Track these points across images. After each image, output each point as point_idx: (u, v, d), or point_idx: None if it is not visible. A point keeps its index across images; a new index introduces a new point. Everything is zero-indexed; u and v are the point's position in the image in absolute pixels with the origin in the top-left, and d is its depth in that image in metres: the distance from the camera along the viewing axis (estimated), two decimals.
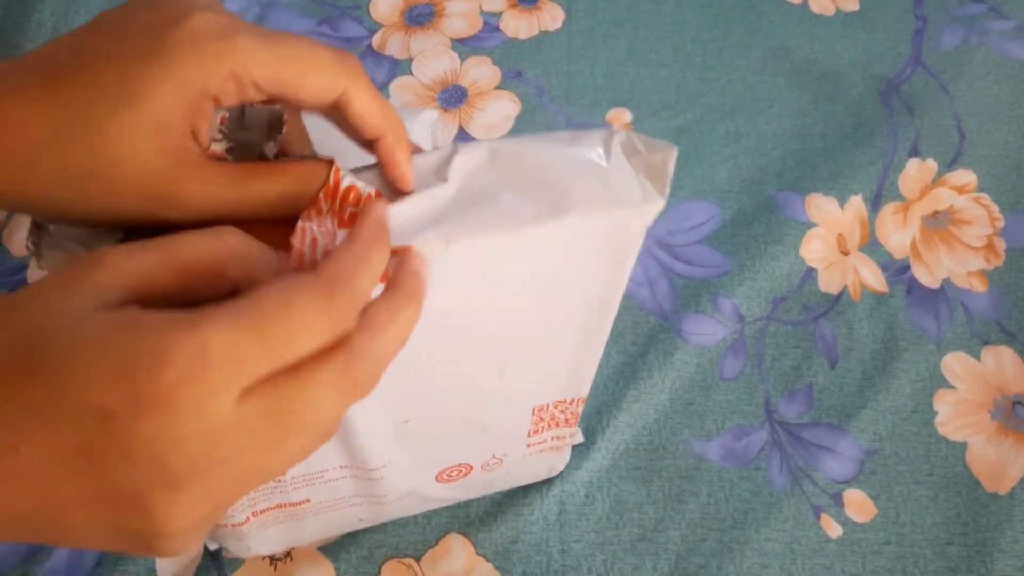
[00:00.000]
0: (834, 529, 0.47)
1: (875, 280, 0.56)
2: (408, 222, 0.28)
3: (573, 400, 0.41)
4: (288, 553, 0.45)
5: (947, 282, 0.56)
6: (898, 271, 0.57)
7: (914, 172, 0.61)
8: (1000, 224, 0.59)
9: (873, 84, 0.66)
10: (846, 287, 0.56)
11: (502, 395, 0.37)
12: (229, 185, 0.26)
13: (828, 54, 0.67)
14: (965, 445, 0.50)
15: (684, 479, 0.49)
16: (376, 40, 0.67)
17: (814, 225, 0.58)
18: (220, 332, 0.21)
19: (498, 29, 0.68)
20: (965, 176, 0.61)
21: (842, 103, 0.65)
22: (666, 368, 0.52)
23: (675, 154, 0.30)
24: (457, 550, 0.46)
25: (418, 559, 0.46)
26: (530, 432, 0.41)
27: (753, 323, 0.54)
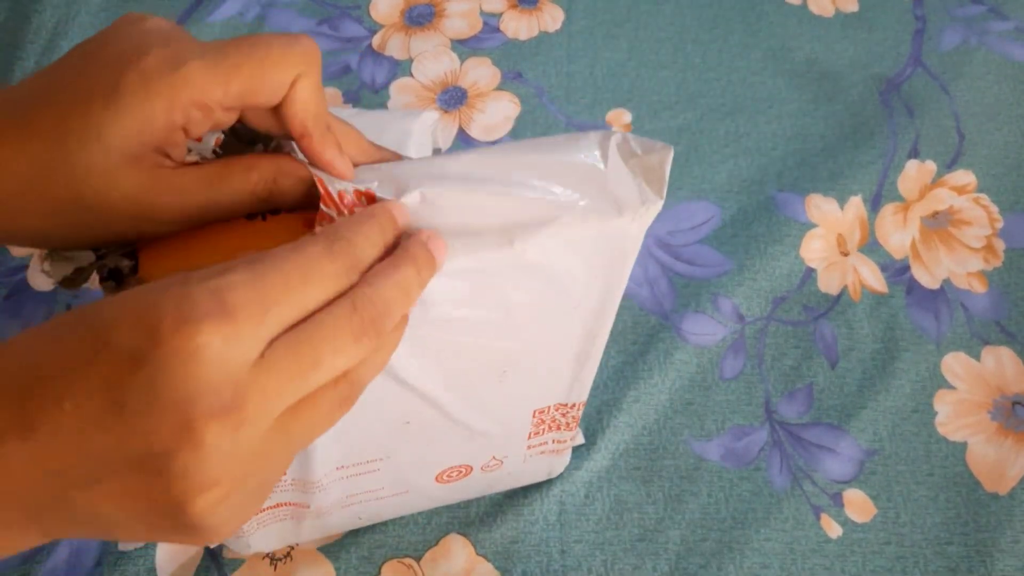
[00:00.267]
0: (834, 529, 0.47)
1: (875, 280, 0.56)
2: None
3: (574, 404, 0.41)
4: (288, 553, 0.45)
5: (947, 282, 0.56)
6: (898, 271, 0.57)
7: (914, 172, 0.61)
8: (999, 225, 0.59)
9: (873, 84, 0.66)
10: (846, 287, 0.56)
11: (503, 399, 0.37)
12: (203, 188, 0.27)
13: (828, 54, 0.67)
14: (965, 445, 0.50)
15: (684, 479, 0.49)
16: (376, 40, 0.67)
17: (814, 225, 0.58)
18: (241, 281, 0.22)
19: (498, 30, 0.68)
20: (965, 177, 0.61)
21: (842, 103, 0.65)
22: (666, 368, 0.52)
23: (671, 155, 0.30)
24: (457, 550, 0.46)
25: (418, 559, 0.46)
26: (531, 434, 0.41)
27: (753, 323, 0.54)
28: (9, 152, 0.26)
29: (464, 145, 0.61)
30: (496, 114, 0.63)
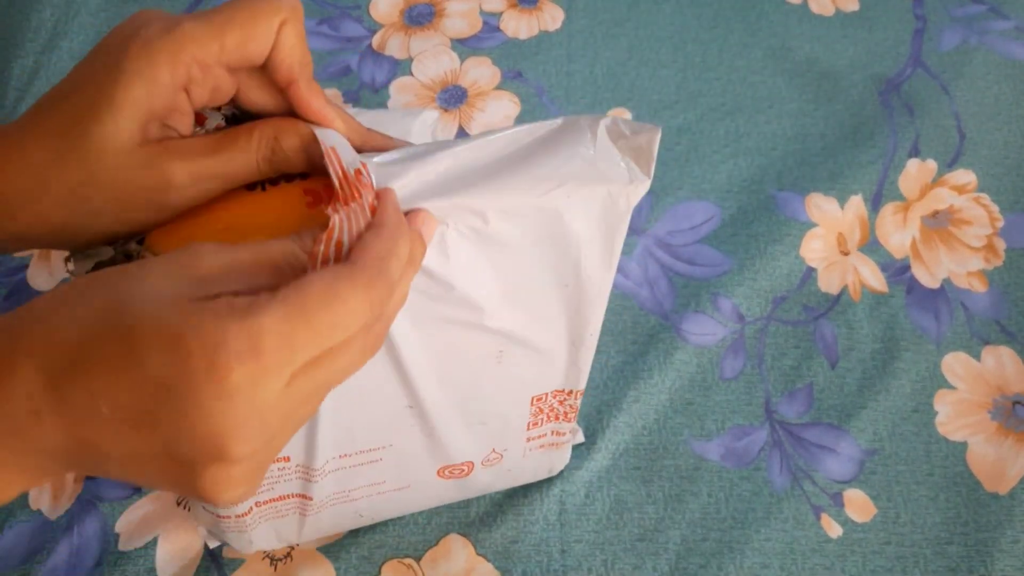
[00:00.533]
0: (834, 529, 0.47)
1: (875, 280, 0.56)
2: (403, 200, 0.29)
3: (572, 392, 0.41)
4: (288, 553, 0.45)
5: (947, 282, 0.56)
6: (898, 271, 0.57)
7: (914, 172, 0.61)
8: (1000, 224, 0.59)
9: (873, 84, 0.66)
10: (846, 287, 0.56)
11: (501, 382, 0.38)
12: (210, 153, 0.29)
13: (828, 54, 0.67)
14: (965, 445, 0.50)
15: (684, 479, 0.49)
16: (376, 40, 0.67)
17: (814, 225, 0.58)
18: (273, 320, 0.23)
19: (498, 29, 0.68)
20: (965, 176, 0.61)
21: (842, 103, 0.65)
22: (666, 368, 0.52)
23: (659, 135, 0.31)
24: (457, 550, 0.46)
25: (418, 559, 0.46)
26: (529, 424, 0.42)
27: (753, 323, 0.54)
28: (29, 146, 0.27)
29: None
30: (496, 113, 0.63)
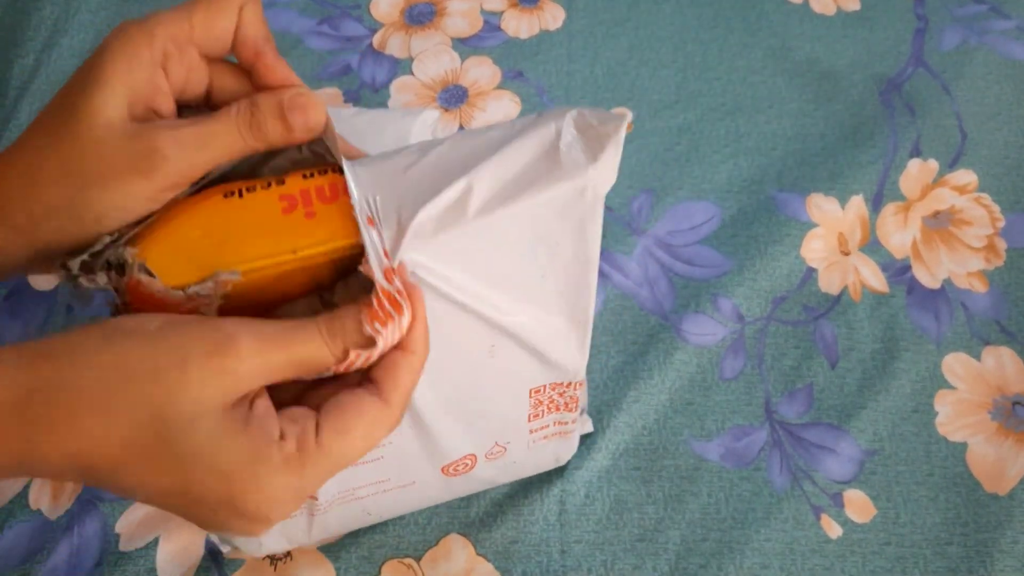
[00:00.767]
0: (834, 529, 0.47)
1: (875, 280, 0.56)
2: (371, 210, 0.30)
3: (570, 383, 0.41)
4: (288, 553, 0.45)
5: (947, 282, 0.56)
6: (898, 271, 0.57)
7: (915, 172, 0.61)
8: (1001, 224, 0.59)
9: (874, 84, 0.66)
10: (846, 287, 0.56)
11: (496, 376, 0.38)
12: (196, 122, 0.31)
13: (829, 54, 0.67)
14: (965, 445, 0.50)
15: (684, 479, 0.49)
16: (376, 39, 0.67)
17: (814, 225, 0.58)
18: (319, 474, 0.29)
19: (499, 28, 0.68)
20: (966, 176, 0.61)
21: (842, 103, 0.65)
22: (666, 368, 0.52)
23: (627, 121, 0.32)
24: (457, 550, 0.46)
25: (418, 559, 0.46)
26: (530, 416, 0.41)
27: (753, 323, 0.54)
28: (24, 137, 0.30)
29: None
30: (497, 113, 0.63)
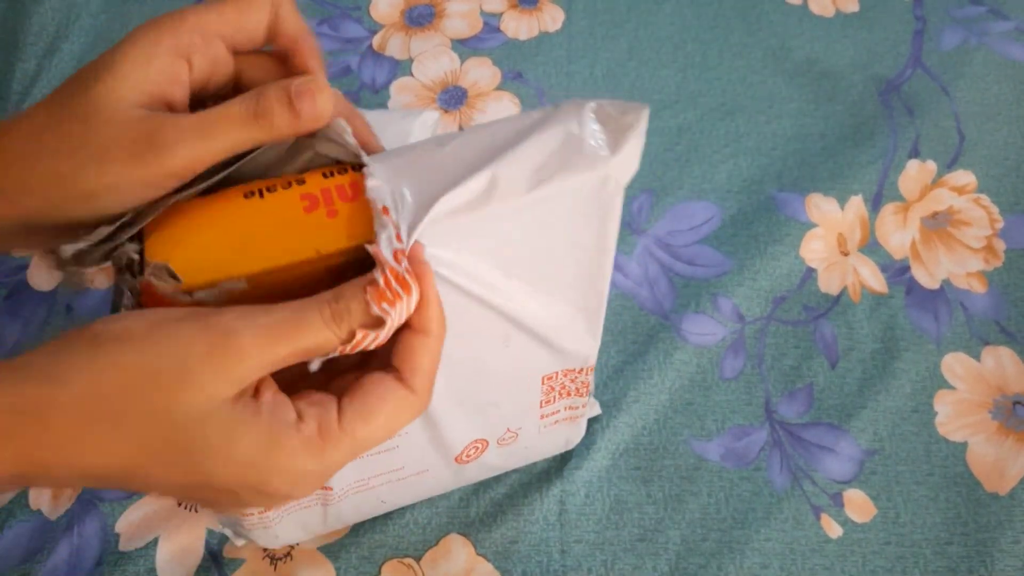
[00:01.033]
0: (834, 529, 0.47)
1: (875, 280, 0.56)
2: (389, 195, 0.29)
3: (582, 369, 0.41)
4: (288, 553, 0.45)
5: (947, 283, 0.56)
6: (898, 272, 0.57)
7: (914, 173, 0.61)
8: (999, 225, 0.59)
9: (873, 84, 0.66)
10: (846, 287, 0.56)
11: (510, 365, 0.38)
12: (205, 112, 0.30)
13: (828, 54, 0.67)
14: (965, 445, 0.50)
15: (684, 479, 0.49)
16: (376, 41, 0.67)
17: (814, 225, 0.58)
18: (342, 456, 0.28)
19: (498, 30, 0.68)
20: (965, 177, 0.61)
21: (842, 103, 0.65)
22: (666, 368, 0.52)
23: (647, 113, 0.32)
24: (457, 550, 0.46)
25: (418, 559, 0.46)
26: (542, 402, 0.42)
27: (753, 323, 0.54)
28: (32, 111, 0.30)
29: None
30: (496, 114, 0.63)
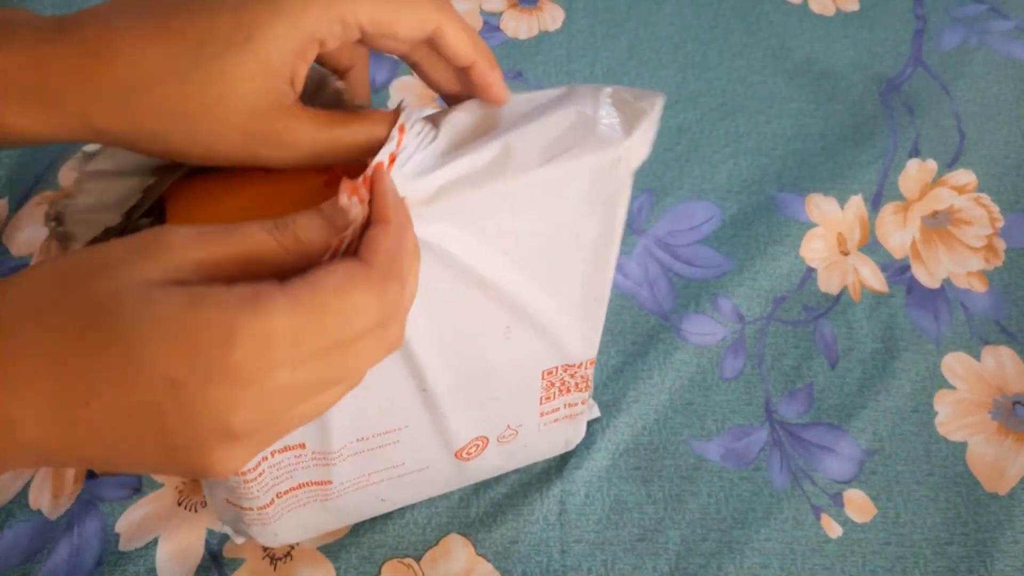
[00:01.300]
0: (834, 529, 0.47)
1: (875, 280, 0.56)
2: (402, 179, 0.29)
3: (581, 363, 0.41)
4: (288, 552, 0.45)
5: (947, 282, 0.56)
6: (898, 271, 0.57)
7: (914, 172, 0.61)
8: (1000, 224, 0.59)
9: (873, 84, 0.66)
10: (846, 287, 0.56)
11: (510, 358, 0.38)
12: (320, 128, 0.29)
13: (828, 54, 0.67)
14: (965, 445, 0.50)
15: (684, 479, 0.49)
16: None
17: (814, 225, 0.58)
18: (283, 316, 0.23)
19: (498, 29, 0.68)
20: (965, 176, 0.61)
21: (842, 103, 0.65)
22: (666, 368, 0.52)
23: (661, 101, 0.32)
24: (457, 550, 0.46)
25: (418, 559, 0.46)
26: (542, 399, 0.42)
27: (753, 323, 0.54)
28: (147, 46, 0.26)
29: None
30: None
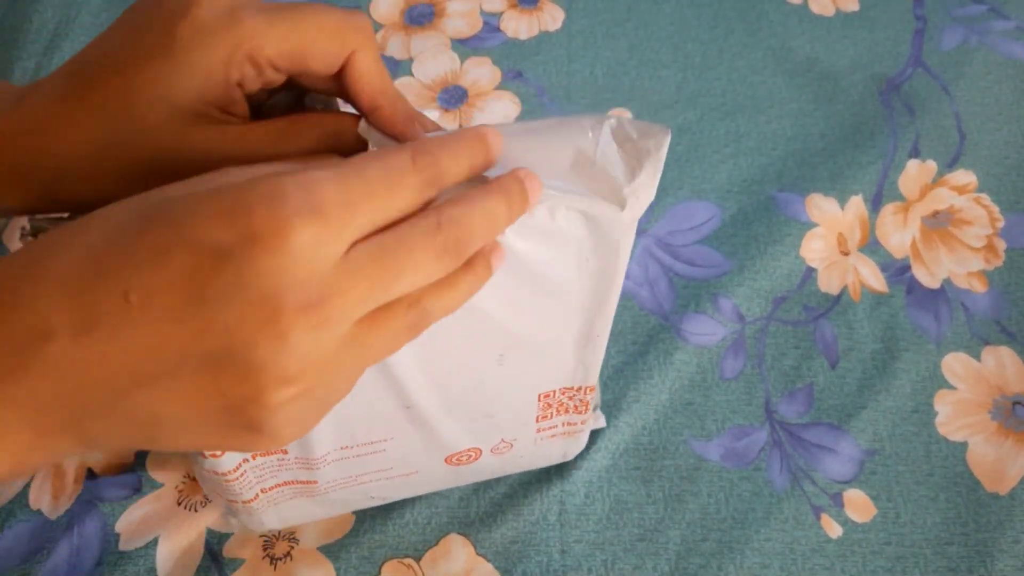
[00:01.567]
0: (834, 529, 0.47)
1: (875, 280, 0.56)
2: None
3: (580, 387, 0.40)
4: (288, 552, 0.45)
5: (947, 282, 0.56)
6: (898, 271, 0.57)
7: (914, 172, 0.61)
8: (1000, 224, 0.59)
9: (873, 84, 0.66)
10: (846, 287, 0.56)
11: (504, 382, 0.37)
12: (270, 144, 0.28)
13: (828, 54, 0.67)
14: (965, 445, 0.50)
15: (684, 479, 0.49)
16: (376, 40, 0.67)
17: (814, 225, 0.58)
18: (329, 179, 0.22)
19: (498, 29, 0.68)
20: (965, 176, 0.61)
21: (842, 103, 0.65)
22: (666, 368, 0.52)
23: (668, 138, 0.30)
24: (457, 550, 0.46)
25: (418, 559, 0.46)
26: (538, 418, 0.41)
27: (753, 323, 0.54)
28: (78, 118, 0.26)
29: None
30: (496, 113, 0.63)
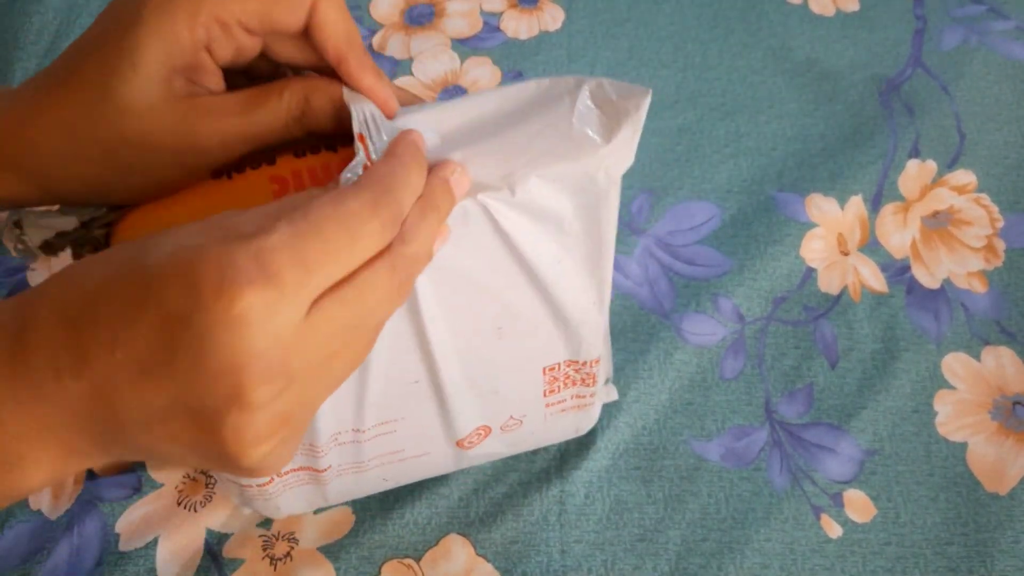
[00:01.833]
0: (834, 529, 0.47)
1: (875, 280, 0.56)
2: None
3: (586, 362, 0.40)
4: (288, 553, 0.45)
5: (947, 282, 0.56)
6: (898, 271, 0.57)
7: (914, 172, 0.61)
8: (1000, 224, 0.59)
9: (873, 84, 0.66)
10: (846, 287, 0.56)
11: (506, 356, 0.37)
12: (240, 111, 0.28)
13: (828, 54, 0.67)
14: (965, 445, 0.50)
15: (684, 479, 0.49)
16: (376, 40, 0.67)
17: (814, 225, 0.58)
18: (281, 237, 0.22)
19: (498, 29, 0.68)
20: (965, 176, 0.61)
21: (842, 103, 0.65)
22: (666, 368, 0.52)
23: (648, 99, 0.30)
24: (457, 550, 0.46)
25: (418, 559, 0.46)
26: (546, 392, 0.41)
27: (753, 323, 0.54)
28: (60, 103, 0.27)
29: None
30: None
